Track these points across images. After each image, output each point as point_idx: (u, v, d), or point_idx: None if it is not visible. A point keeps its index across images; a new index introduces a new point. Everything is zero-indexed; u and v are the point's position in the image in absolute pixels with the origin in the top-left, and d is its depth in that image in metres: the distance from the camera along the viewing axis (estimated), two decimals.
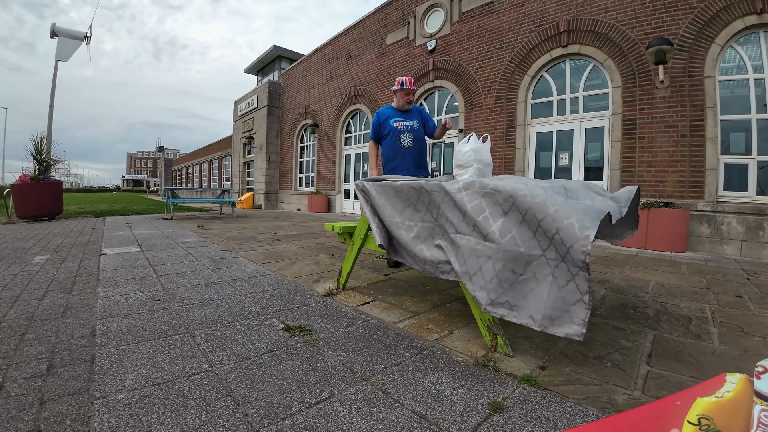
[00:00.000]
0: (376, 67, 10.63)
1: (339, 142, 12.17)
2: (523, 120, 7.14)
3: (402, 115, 3.40)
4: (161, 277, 2.81)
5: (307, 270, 3.21)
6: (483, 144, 2.54)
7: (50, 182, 7.67)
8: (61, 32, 10.47)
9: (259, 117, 15.98)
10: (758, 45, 5.01)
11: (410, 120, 3.38)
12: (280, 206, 15.40)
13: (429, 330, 1.86)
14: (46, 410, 1.11)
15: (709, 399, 0.79)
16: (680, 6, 5.34)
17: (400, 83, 3.34)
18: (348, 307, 2.21)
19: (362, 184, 2.23)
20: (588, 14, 6.26)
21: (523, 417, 1.13)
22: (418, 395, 1.24)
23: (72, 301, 2.20)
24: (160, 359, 1.46)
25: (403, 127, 3.34)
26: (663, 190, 5.49)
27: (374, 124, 3.45)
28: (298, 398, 1.21)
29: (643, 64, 5.65)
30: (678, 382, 1.37)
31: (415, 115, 3.42)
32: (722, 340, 1.81)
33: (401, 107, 3.40)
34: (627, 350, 1.65)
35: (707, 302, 2.48)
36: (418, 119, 3.41)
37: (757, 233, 4.78)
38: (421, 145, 3.46)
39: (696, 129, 5.23)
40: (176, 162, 41.45)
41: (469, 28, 8.12)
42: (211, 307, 2.14)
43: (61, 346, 1.57)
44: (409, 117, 3.40)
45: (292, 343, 1.65)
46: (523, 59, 7.12)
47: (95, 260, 3.45)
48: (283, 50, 18.65)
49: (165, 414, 1.10)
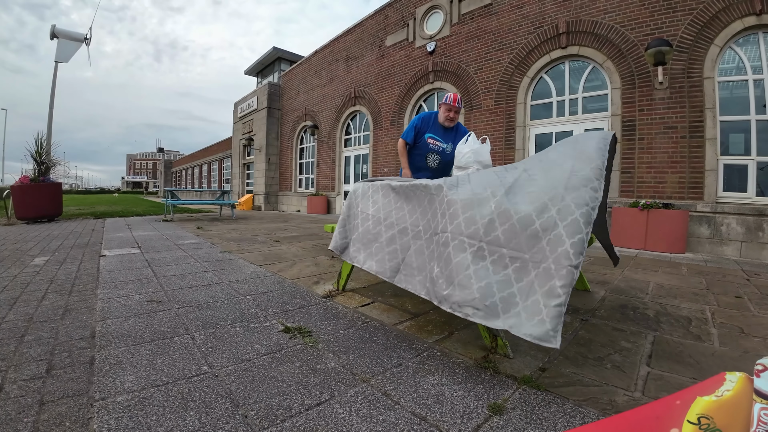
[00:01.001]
0: (376, 69, 10.65)
1: (339, 143, 12.19)
2: (522, 121, 7.15)
3: (441, 133, 3.26)
4: (161, 279, 2.80)
5: (307, 271, 3.21)
6: (483, 145, 2.54)
7: (50, 184, 7.67)
8: (61, 34, 10.49)
9: (259, 118, 16.00)
10: (757, 46, 5.02)
11: (445, 143, 3.26)
12: (280, 208, 15.40)
13: (429, 331, 1.86)
14: (46, 412, 1.11)
15: (708, 398, 0.78)
16: (679, 7, 5.36)
17: (446, 98, 3.19)
18: (348, 308, 2.21)
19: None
20: (587, 16, 6.27)
21: (523, 418, 1.13)
22: (418, 397, 1.24)
23: (71, 303, 2.19)
24: (159, 361, 1.46)
25: (435, 147, 3.25)
26: (662, 191, 5.49)
27: (413, 125, 3.28)
28: (297, 400, 1.21)
29: (643, 65, 5.66)
30: (678, 383, 1.37)
31: (458, 138, 3.19)
32: (722, 341, 1.81)
33: (442, 123, 3.25)
34: (627, 351, 1.65)
35: (707, 303, 2.48)
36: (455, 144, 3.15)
37: (756, 234, 4.78)
38: (446, 169, 3.29)
39: (695, 130, 5.23)
40: (176, 163, 41.47)
41: (468, 29, 8.14)
42: (211, 308, 2.13)
43: (61, 347, 1.57)
44: (447, 138, 3.26)
45: (292, 344, 1.65)
46: (523, 61, 7.13)
47: (95, 262, 3.45)
48: (282, 52, 18.68)
49: (164, 416, 1.10)
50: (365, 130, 11.34)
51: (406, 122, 9.55)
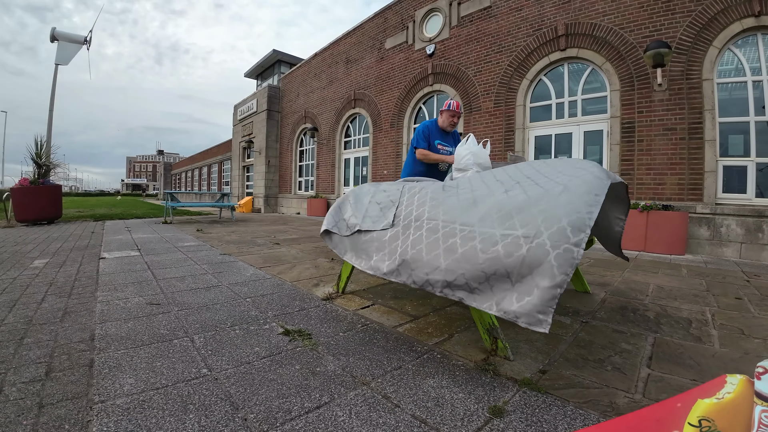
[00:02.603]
0: (375, 72, 10.67)
1: (338, 145, 12.20)
2: (521, 123, 7.16)
3: (444, 138, 3.46)
4: (160, 282, 2.80)
5: (307, 274, 3.20)
6: (482, 148, 2.55)
7: (49, 186, 7.67)
8: (60, 36, 10.52)
9: (259, 121, 16.02)
10: (756, 47, 5.04)
11: (450, 146, 3.45)
12: (280, 210, 15.40)
13: (429, 334, 1.86)
14: (45, 414, 1.11)
15: (709, 400, 0.78)
16: (678, 9, 5.38)
17: (447, 105, 3.38)
18: (347, 311, 2.21)
19: None
20: (586, 18, 6.29)
21: (523, 421, 1.13)
22: (418, 399, 1.24)
23: (71, 305, 2.19)
24: (159, 364, 1.45)
25: (444, 152, 3.42)
26: (662, 193, 5.49)
27: (423, 133, 3.44)
28: (297, 403, 1.20)
29: (642, 67, 5.68)
30: (679, 384, 1.36)
31: (453, 141, 3.48)
32: (722, 342, 1.81)
33: (444, 128, 3.44)
34: (627, 353, 1.65)
35: (707, 305, 2.48)
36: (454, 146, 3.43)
37: (756, 235, 4.78)
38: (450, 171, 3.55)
39: (694, 132, 5.24)
40: (176, 166, 41.50)
41: (467, 32, 8.16)
42: (211, 311, 2.13)
43: (60, 350, 1.57)
44: (450, 142, 3.47)
45: (292, 347, 1.65)
46: (522, 63, 7.15)
47: (94, 264, 3.45)
48: (282, 54, 18.72)
49: (164, 419, 1.10)
50: (365, 132, 11.35)
51: (406, 124, 9.57)
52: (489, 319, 1.62)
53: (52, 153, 8.20)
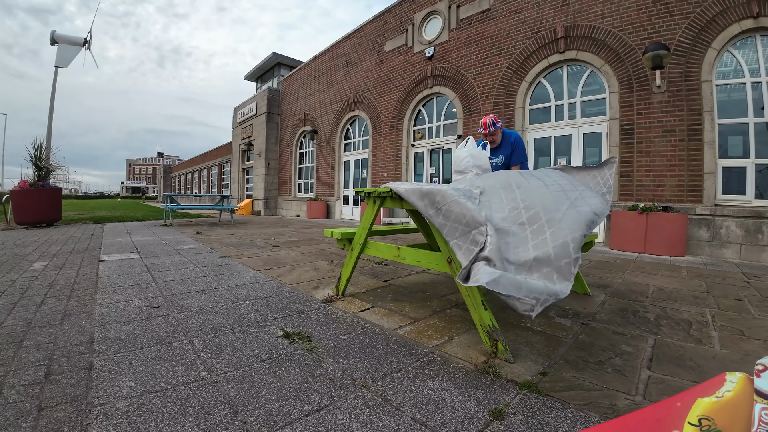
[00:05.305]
0: (375, 74, 10.70)
1: (338, 148, 12.21)
2: (521, 126, 7.17)
3: (493, 153, 3.59)
4: (160, 284, 2.80)
5: (306, 276, 3.20)
6: (481, 150, 2.55)
7: (49, 188, 7.67)
8: (60, 39, 10.57)
9: (259, 123, 16.05)
10: (754, 49, 5.06)
11: (496, 157, 3.58)
12: (279, 212, 15.40)
13: (429, 336, 1.86)
14: (44, 417, 1.10)
15: (709, 399, 0.78)
16: (676, 11, 5.40)
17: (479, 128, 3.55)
18: (347, 313, 2.21)
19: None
20: (585, 20, 6.32)
21: (524, 423, 1.12)
22: (418, 402, 1.24)
23: (70, 308, 2.19)
24: (158, 366, 1.45)
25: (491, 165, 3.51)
26: (661, 195, 5.50)
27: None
28: (297, 406, 1.20)
29: (640, 69, 5.70)
30: (679, 386, 1.36)
31: (503, 150, 3.57)
32: (723, 343, 1.80)
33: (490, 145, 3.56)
34: (628, 355, 1.65)
35: (707, 306, 2.48)
36: (504, 154, 3.57)
37: (756, 236, 4.78)
38: None
39: (694, 133, 5.25)
40: (176, 168, 41.50)
41: (466, 35, 8.19)
42: (210, 314, 2.13)
43: (60, 353, 1.56)
44: (496, 153, 3.59)
45: (292, 350, 1.64)
46: (521, 65, 7.17)
47: (94, 267, 3.44)
48: (282, 57, 18.76)
49: (163, 422, 1.09)
50: (364, 134, 11.37)
51: (405, 127, 9.59)
52: (489, 321, 1.62)
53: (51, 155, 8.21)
